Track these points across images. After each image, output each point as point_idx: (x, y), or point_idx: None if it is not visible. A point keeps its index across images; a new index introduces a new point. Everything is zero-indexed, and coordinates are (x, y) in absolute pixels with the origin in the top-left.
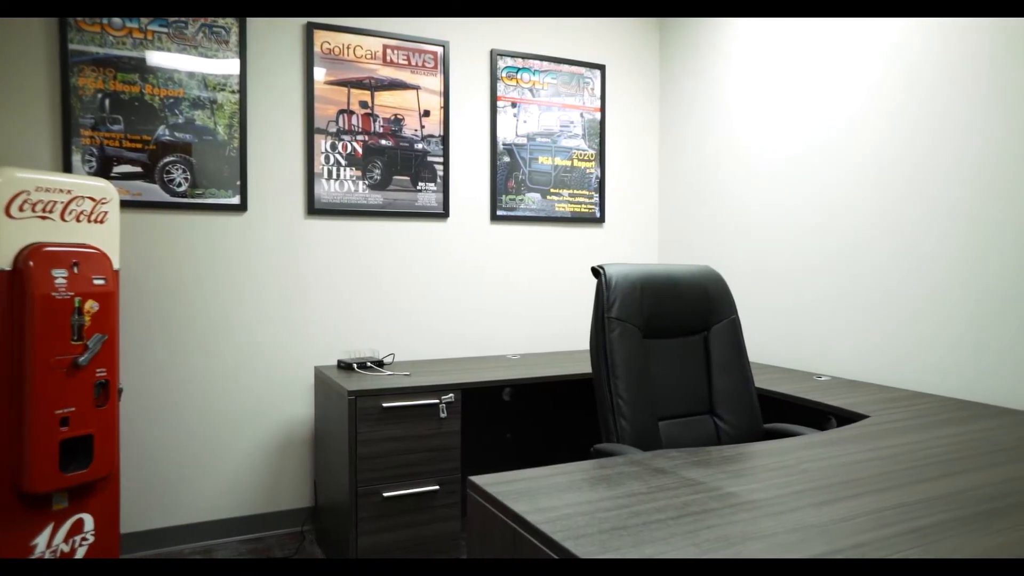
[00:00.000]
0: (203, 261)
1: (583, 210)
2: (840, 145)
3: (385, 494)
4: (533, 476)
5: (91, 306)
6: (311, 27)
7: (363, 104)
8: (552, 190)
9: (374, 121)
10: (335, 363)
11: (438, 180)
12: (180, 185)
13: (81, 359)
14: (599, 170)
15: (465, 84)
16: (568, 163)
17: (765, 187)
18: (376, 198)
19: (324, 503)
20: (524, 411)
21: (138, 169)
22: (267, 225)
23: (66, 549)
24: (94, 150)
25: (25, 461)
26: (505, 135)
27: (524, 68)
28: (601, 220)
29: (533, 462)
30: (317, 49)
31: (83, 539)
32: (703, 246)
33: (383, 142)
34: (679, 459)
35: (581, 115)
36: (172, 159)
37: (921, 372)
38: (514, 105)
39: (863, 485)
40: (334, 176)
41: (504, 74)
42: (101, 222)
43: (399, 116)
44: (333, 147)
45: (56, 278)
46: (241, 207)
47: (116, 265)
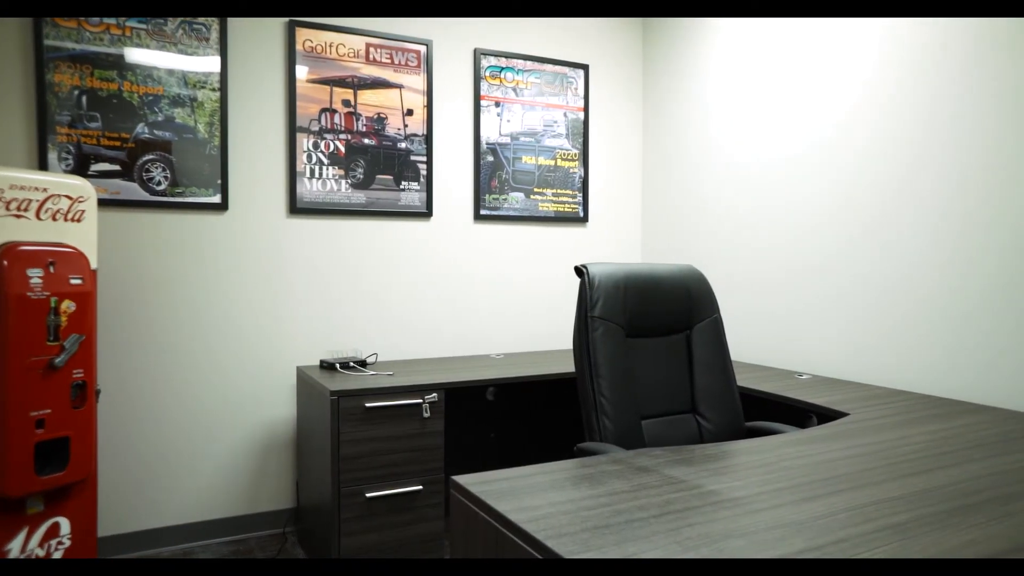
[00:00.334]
0: (183, 260)
1: (567, 210)
2: (822, 147)
3: (368, 494)
4: (516, 475)
5: (68, 306)
6: (293, 25)
7: (346, 103)
8: (536, 189)
9: (357, 120)
10: (317, 363)
11: (421, 179)
12: (160, 184)
13: (57, 360)
14: (582, 170)
15: (448, 83)
16: (552, 163)
17: (747, 189)
18: (359, 197)
19: (306, 504)
20: (508, 410)
21: (116, 167)
22: (248, 224)
23: (41, 554)
24: (71, 148)
25: None
26: (488, 134)
27: (508, 67)
28: (584, 220)
29: (517, 462)
30: (299, 47)
31: (59, 543)
32: (686, 246)
33: (366, 141)
34: (661, 457)
35: (564, 115)
36: (151, 157)
37: (900, 370)
38: (497, 104)
39: (842, 482)
40: (316, 175)
41: (487, 73)
42: (78, 221)
43: (382, 115)
44: (315, 146)
45: (31, 278)
46: (222, 206)
47: (94, 264)
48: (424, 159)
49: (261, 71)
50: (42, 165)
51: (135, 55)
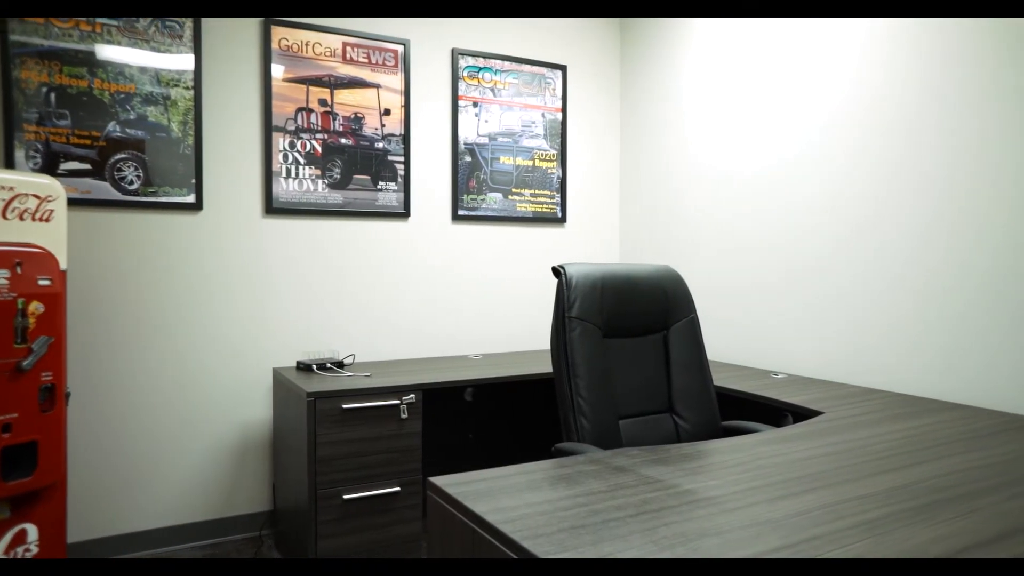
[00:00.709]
0: (156, 261)
1: (545, 210)
2: (798, 151)
3: (345, 496)
4: (493, 476)
5: (36, 308)
6: (268, 23)
7: (322, 102)
8: (514, 190)
9: (334, 119)
10: (294, 364)
11: (399, 179)
12: (132, 183)
13: (25, 363)
14: (560, 170)
15: (426, 83)
16: (530, 163)
17: (723, 191)
18: (336, 197)
19: (283, 506)
20: (486, 411)
21: (87, 166)
22: (223, 224)
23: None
24: (39, 146)
25: None
26: (466, 134)
27: (485, 68)
28: (563, 220)
29: (495, 462)
30: (275, 46)
31: (26, 550)
32: (664, 246)
33: (343, 141)
34: (638, 457)
35: (543, 115)
36: (123, 156)
37: (873, 370)
38: (475, 105)
39: (817, 480)
40: (293, 175)
41: (465, 73)
42: (47, 220)
43: (359, 115)
44: (292, 145)
45: None
46: (196, 206)
47: (63, 265)
48: (402, 159)
49: (236, 70)
50: (8, 163)
51: (106, 52)
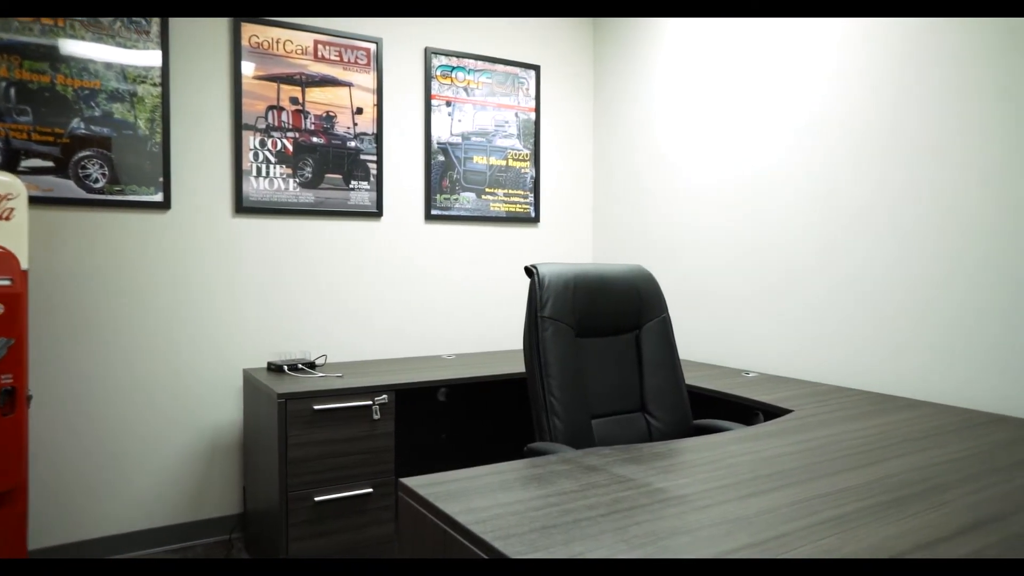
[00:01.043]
0: (123, 260)
1: (518, 210)
2: (769, 152)
3: (317, 498)
4: (465, 477)
5: None
6: (238, 20)
7: (293, 100)
8: (487, 190)
9: (305, 118)
10: (265, 365)
11: (371, 179)
12: (97, 181)
13: None
14: (534, 170)
15: (399, 82)
16: (503, 163)
17: (693, 191)
18: (307, 196)
19: (253, 509)
20: (460, 411)
21: (50, 163)
22: (192, 223)
23: None
24: None
25: None
26: (439, 134)
27: (459, 67)
28: (536, 220)
29: (469, 462)
30: (245, 43)
31: None
32: (637, 246)
33: (314, 139)
34: (610, 456)
35: (516, 115)
36: (88, 153)
37: (843, 368)
38: (448, 104)
39: (787, 477)
40: (263, 173)
41: (438, 72)
42: (7, 219)
43: (331, 113)
44: (262, 144)
45: None
46: (164, 205)
47: (24, 265)
48: (374, 158)
49: (205, 67)
50: None
51: (69, 47)
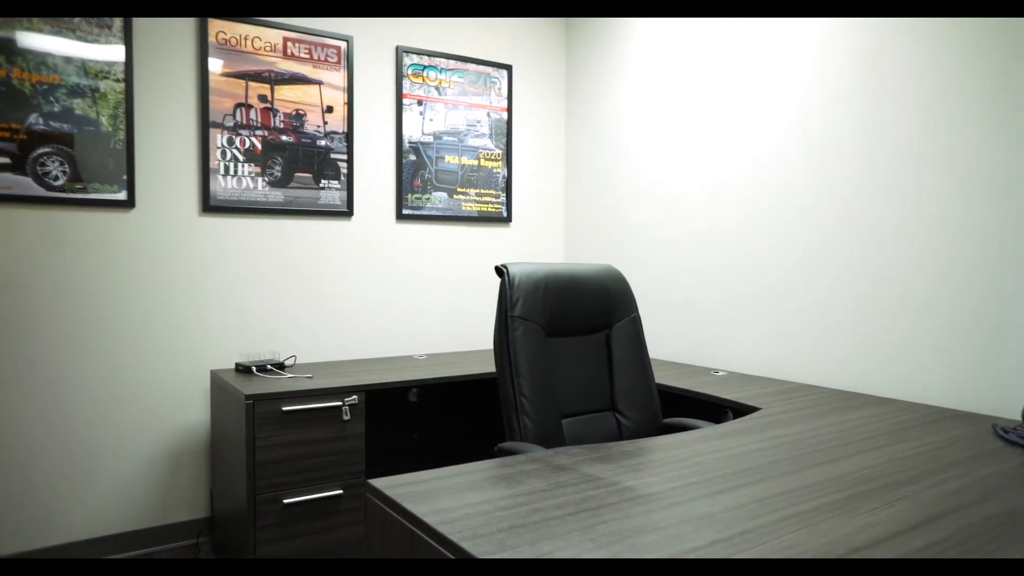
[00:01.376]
0: (85, 260)
1: (490, 210)
2: (739, 153)
3: (286, 501)
4: (433, 477)
5: None
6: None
7: (262, 98)
8: (459, 189)
9: (274, 116)
10: (233, 366)
11: (342, 178)
12: (57, 179)
13: None
14: (506, 170)
15: (370, 80)
16: (475, 162)
17: (664, 192)
18: (276, 195)
19: (221, 513)
20: (431, 411)
21: (6, 160)
22: (158, 222)
23: None
24: None
25: None
26: (411, 133)
27: (430, 66)
28: (508, 220)
29: (441, 462)
30: (212, 39)
31: None
32: (609, 247)
33: (284, 138)
34: (580, 456)
35: (488, 114)
36: (47, 150)
37: (810, 366)
38: (420, 103)
39: (752, 474)
40: (231, 172)
41: (410, 71)
42: None
43: (301, 111)
44: (230, 142)
45: None
46: (128, 203)
47: None
48: (345, 157)
49: (170, 63)
50: None
51: (26, 40)
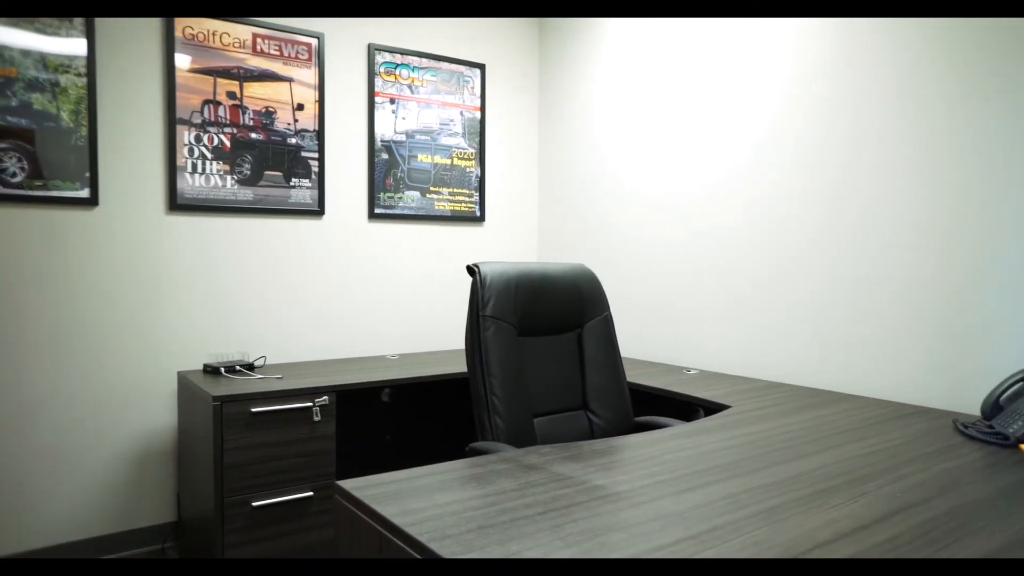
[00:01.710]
0: (45, 259)
1: (463, 209)
2: (707, 155)
3: (254, 503)
4: (403, 478)
5: None
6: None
7: (231, 95)
8: (432, 188)
9: (243, 113)
10: (201, 368)
11: (313, 176)
12: (15, 175)
13: None
14: (479, 169)
15: (341, 78)
16: (448, 161)
17: (636, 193)
18: (246, 194)
19: (188, 517)
20: (404, 412)
21: None
22: (123, 221)
23: None
24: None
25: None
26: (383, 131)
27: (403, 64)
28: (481, 219)
29: (413, 463)
30: (179, 34)
31: None
32: (581, 246)
33: (253, 135)
34: (550, 455)
35: (461, 113)
36: (5, 146)
37: (779, 365)
38: (392, 101)
39: (722, 472)
40: (199, 170)
41: (382, 69)
42: None
43: (270, 109)
44: (198, 139)
45: None
46: (91, 201)
47: None
48: (316, 155)
49: (135, 58)
50: None
51: None
